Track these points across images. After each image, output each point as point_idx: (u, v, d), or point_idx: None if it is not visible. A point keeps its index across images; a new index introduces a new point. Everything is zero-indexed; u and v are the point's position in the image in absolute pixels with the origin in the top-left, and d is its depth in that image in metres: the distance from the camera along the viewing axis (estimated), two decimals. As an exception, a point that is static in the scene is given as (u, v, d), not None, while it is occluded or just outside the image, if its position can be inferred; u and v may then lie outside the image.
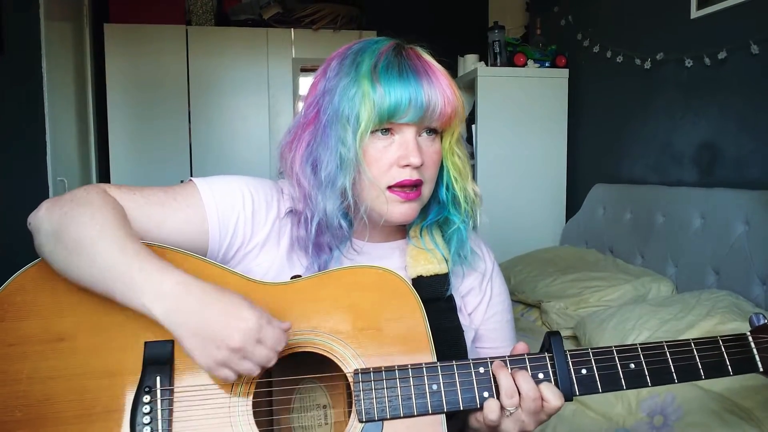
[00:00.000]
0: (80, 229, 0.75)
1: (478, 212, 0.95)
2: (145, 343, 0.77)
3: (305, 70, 4.11)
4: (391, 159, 0.86)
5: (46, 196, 2.83)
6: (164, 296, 0.72)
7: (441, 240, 0.95)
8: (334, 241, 0.89)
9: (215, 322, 0.71)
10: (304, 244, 0.89)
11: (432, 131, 0.88)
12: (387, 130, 0.86)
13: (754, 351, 0.88)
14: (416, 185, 0.87)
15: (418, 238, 0.95)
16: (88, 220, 0.76)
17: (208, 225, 0.86)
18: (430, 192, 0.91)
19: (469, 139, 3.27)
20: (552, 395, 0.79)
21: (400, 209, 0.87)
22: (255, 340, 0.72)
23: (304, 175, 0.88)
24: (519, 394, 0.79)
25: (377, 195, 0.86)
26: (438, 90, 0.85)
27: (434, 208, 0.95)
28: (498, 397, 0.79)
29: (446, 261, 0.93)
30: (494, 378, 0.80)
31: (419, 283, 0.91)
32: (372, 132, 0.84)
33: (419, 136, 0.87)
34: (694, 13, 2.24)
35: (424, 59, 0.87)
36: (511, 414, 0.79)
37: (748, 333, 0.90)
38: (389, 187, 0.86)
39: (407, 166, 0.85)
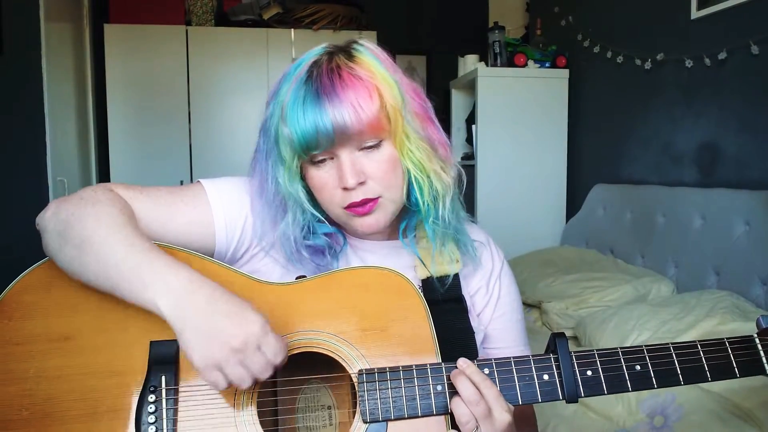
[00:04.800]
0: (88, 227, 0.75)
1: (447, 199, 0.87)
2: (151, 342, 0.77)
3: (305, 71, 4.10)
4: (334, 182, 0.83)
5: (46, 196, 2.84)
6: (172, 291, 0.72)
7: (449, 243, 0.91)
8: (328, 248, 0.88)
9: (221, 320, 0.71)
10: (298, 255, 0.87)
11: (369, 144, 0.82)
12: (323, 159, 0.82)
13: (761, 353, 0.87)
14: (367, 202, 0.83)
15: (418, 241, 0.92)
16: (95, 218, 0.76)
17: (215, 228, 0.86)
18: (399, 196, 0.86)
19: (469, 140, 3.27)
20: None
21: (362, 223, 0.85)
22: (256, 346, 0.71)
23: (266, 209, 0.87)
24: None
25: (337, 214, 0.86)
26: (346, 108, 0.78)
27: (416, 207, 0.89)
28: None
29: (457, 261, 0.91)
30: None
31: (429, 283, 0.90)
32: (309, 161, 0.83)
33: (358, 150, 0.82)
34: (695, 14, 2.25)
35: (339, 73, 0.79)
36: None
37: (755, 335, 0.88)
38: (344, 207, 0.84)
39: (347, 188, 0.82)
